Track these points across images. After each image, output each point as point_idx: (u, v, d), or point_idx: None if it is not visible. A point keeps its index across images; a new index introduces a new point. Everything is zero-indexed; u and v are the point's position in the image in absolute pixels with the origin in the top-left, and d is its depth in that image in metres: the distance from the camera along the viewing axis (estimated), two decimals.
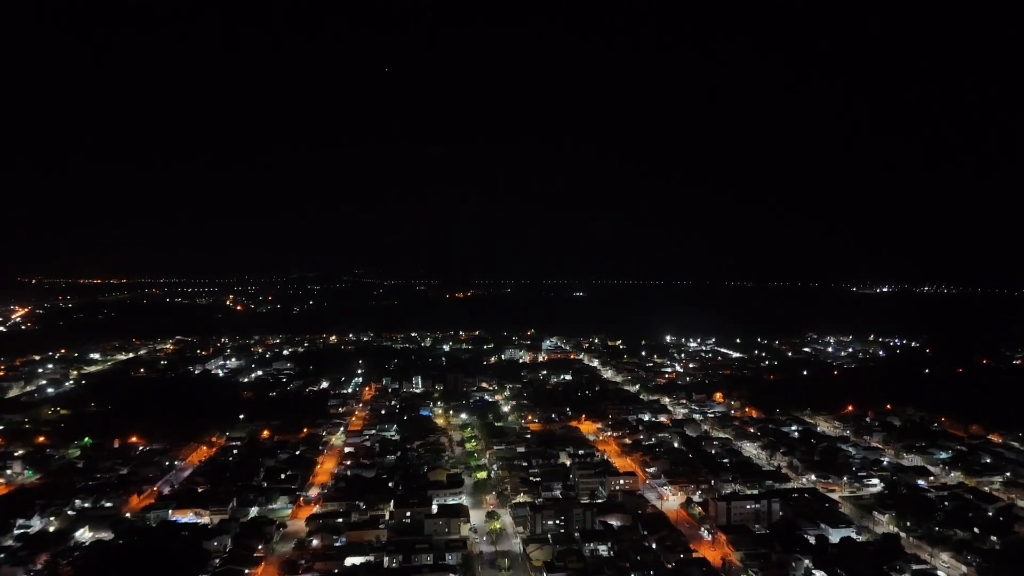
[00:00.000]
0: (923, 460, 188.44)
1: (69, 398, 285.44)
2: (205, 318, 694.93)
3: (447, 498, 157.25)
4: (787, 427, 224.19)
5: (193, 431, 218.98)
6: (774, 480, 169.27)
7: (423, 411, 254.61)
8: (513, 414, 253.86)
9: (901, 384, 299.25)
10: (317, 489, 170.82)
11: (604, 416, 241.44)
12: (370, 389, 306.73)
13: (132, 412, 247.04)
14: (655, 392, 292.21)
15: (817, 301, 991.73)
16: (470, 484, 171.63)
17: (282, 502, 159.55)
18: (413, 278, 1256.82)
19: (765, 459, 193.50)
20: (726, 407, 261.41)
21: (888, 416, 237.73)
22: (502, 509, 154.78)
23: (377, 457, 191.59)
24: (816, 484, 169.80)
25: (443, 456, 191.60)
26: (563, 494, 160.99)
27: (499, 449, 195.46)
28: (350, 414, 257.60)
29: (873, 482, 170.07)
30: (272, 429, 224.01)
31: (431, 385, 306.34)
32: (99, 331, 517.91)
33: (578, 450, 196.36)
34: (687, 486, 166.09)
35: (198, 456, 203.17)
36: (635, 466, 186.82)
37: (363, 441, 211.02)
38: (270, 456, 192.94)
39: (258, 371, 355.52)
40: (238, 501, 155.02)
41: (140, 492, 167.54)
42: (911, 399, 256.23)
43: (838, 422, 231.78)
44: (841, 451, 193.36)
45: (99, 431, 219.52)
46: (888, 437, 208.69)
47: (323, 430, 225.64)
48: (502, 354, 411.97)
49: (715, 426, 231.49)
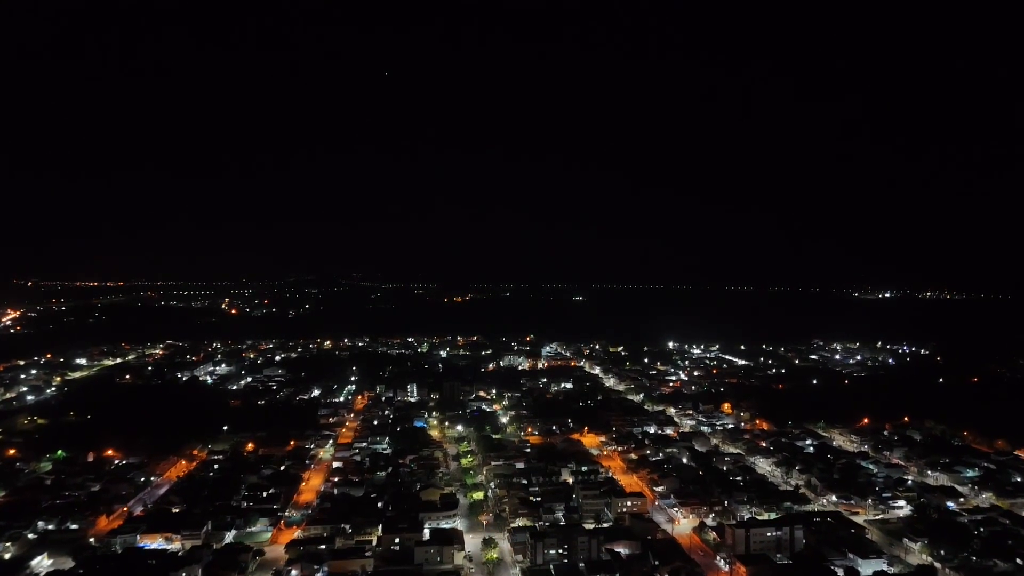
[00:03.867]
0: (949, 479, 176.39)
1: (48, 406, 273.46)
2: (199, 322, 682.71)
3: (440, 521, 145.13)
4: (801, 441, 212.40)
5: (173, 444, 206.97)
6: (792, 501, 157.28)
7: (417, 422, 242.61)
8: (512, 425, 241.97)
9: (916, 395, 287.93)
10: (301, 510, 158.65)
11: (608, 428, 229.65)
12: (363, 398, 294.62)
13: (111, 422, 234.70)
14: (660, 402, 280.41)
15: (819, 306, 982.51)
16: (465, 504, 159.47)
17: (262, 524, 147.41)
18: (412, 282, 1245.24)
19: (780, 477, 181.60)
20: (735, 419, 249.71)
21: (907, 430, 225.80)
22: (500, 533, 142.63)
23: (367, 473, 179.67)
24: (838, 506, 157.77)
25: (437, 473, 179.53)
26: (566, 517, 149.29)
27: (497, 465, 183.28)
28: (341, 424, 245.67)
29: (899, 504, 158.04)
30: (257, 442, 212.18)
31: (427, 393, 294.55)
32: (90, 335, 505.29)
33: (581, 466, 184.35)
34: (699, 508, 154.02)
35: (177, 471, 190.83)
36: (642, 485, 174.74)
37: (352, 455, 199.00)
38: (253, 472, 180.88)
39: (248, 378, 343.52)
40: (213, 524, 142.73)
41: (110, 512, 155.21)
42: (929, 411, 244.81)
43: (855, 436, 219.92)
44: (862, 469, 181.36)
45: (74, 443, 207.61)
46: (910, 453, 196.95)
47: (311, 442, 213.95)
48: (501, 360, 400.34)
49: (725, 440, 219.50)
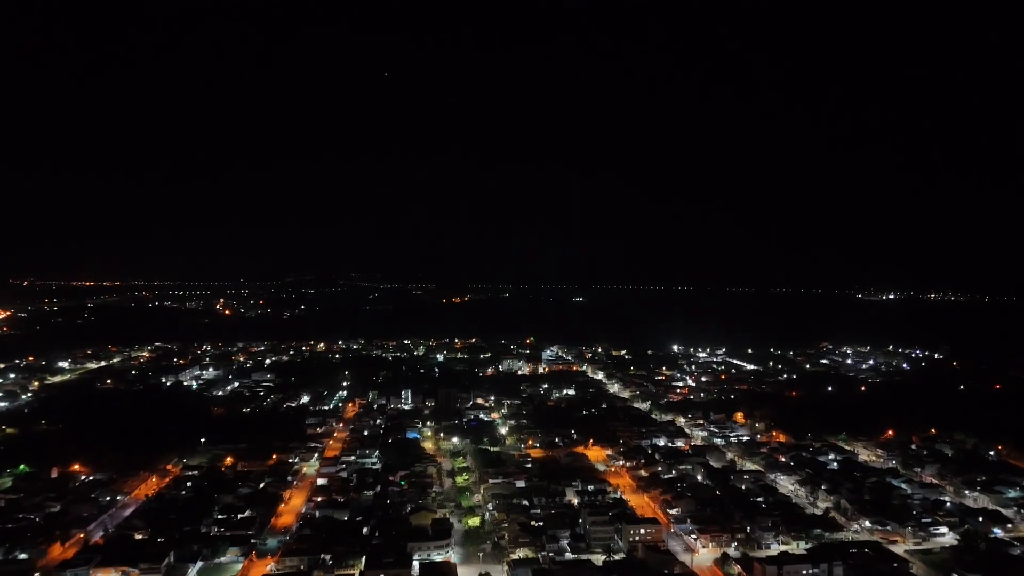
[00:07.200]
0: (991, 500, 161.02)
1: (20, 414, 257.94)
2: (190, 323, 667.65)
3: (432, 552, 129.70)
4: (824, 456, 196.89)
5: (146, 457, 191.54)
6: (823, 528, 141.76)
7: (410, 433, 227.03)
8: (511, 437, 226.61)
9: (938, 403, 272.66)
10: (278, 535, 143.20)
11: (614, 440, 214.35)
12: (354, 405, 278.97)
13: (83, 432, 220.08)
14: (668, 410, 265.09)
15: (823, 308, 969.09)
16: (460, 531, 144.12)
17: (232, 555, 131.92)
18: (410, 282, 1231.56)
19: (805, 498, 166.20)
20: (750, 430, 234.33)
21: (936, 443, 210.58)
22: (498, 566, 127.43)
23: (353, 493, 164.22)
24: (874, 533, 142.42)
25: (430, 493, 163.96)
26: (572, 546, 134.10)
27: (495, 484, 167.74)
28: (329, 435, 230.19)
29: (941, 531, 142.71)
30: (237, 455, 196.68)
31: (421, 400, 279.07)
32: (77, 337, 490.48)
33: (587, 485, 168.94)
34: (720, 535, 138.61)
35: (147, 488, 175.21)
36: (655, 507, 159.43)
37: (339, 471, 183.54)
38: (229, 491, 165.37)
39: (235, 383, 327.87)
40: (176, 555, 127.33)
41: (65, 539, 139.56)
42: (956, 422, 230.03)
43: (880, 450, 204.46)
44: (894, 489, 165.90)
45: (40, 456, 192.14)
46: (943, 470, 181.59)
47: (295, 456, 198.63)
48: (499, 364, 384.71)
49: (741, 454, 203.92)
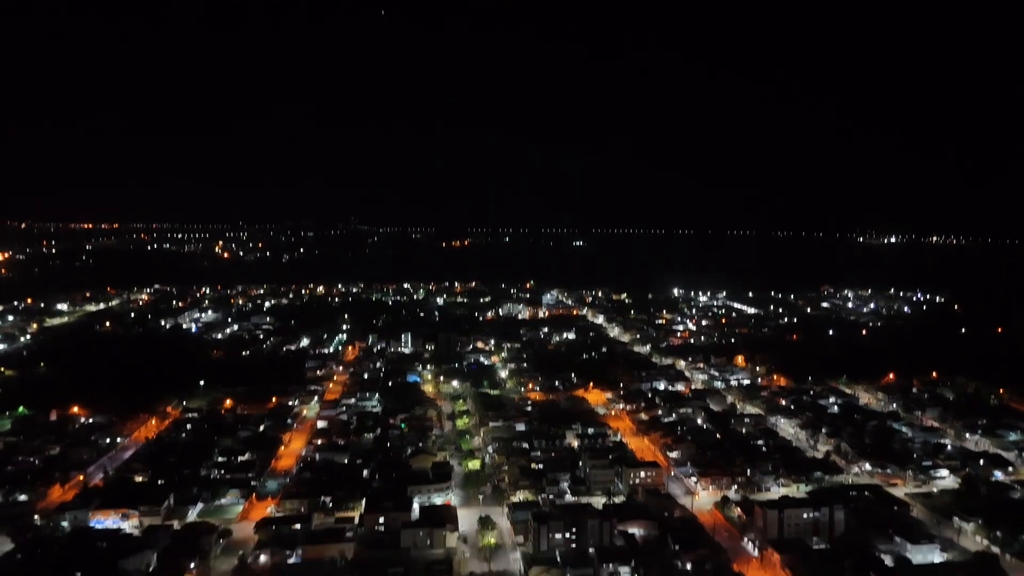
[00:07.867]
0: (992, 444, 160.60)
1: (19, 357, 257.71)
2: (189, 266, 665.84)
3: (432, 495, 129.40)
4: (824, 400, 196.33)
5: (145, 400, 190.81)
6: (823, 471, 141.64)
7: (411, 376, 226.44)
8: (511, 380, 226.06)
9: (941, 347, 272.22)
10: (279, 478, 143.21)
11: (615, 384, 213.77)
12: (354, 348, 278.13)
13: (82, 375, 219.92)
14: (668, 354, 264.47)
15: (825, 251, 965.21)
16: (460, 474, 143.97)
17: (232, 497, 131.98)
18: (410, 225, 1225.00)
19: (806, 441, 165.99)
20: (750, 373, 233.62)
21: (937, 387, 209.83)
22: (498, 508, 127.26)
23: (353, 435, 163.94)
24: (874, 476, 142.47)
25: (430, 436, 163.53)
26: (572, 489, 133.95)
27: (495, 427, 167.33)
28: (329, 378, 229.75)
29: (941, 474, 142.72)
30: (237, 398, 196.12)
31: (421, 344, 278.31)
32: (76, 279, 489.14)
33: (587, 428, 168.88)
34: (720, 478, 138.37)
35: (146, 431, 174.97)
36: (655, 450, 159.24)
37: (339, 414, 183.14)
38: (228, 434, 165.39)
39: (234, 326, 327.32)
40: (176, 498, 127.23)
41: (65, 481, 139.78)
42: (958, 366, 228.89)
43: (881, 394, 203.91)
44: (895, 432, 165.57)
45: (39, 398, 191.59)
46: (944, 414, 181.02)
47: (295, 399, 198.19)
48: (500, 309, 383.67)
49: (742, 398, 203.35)
